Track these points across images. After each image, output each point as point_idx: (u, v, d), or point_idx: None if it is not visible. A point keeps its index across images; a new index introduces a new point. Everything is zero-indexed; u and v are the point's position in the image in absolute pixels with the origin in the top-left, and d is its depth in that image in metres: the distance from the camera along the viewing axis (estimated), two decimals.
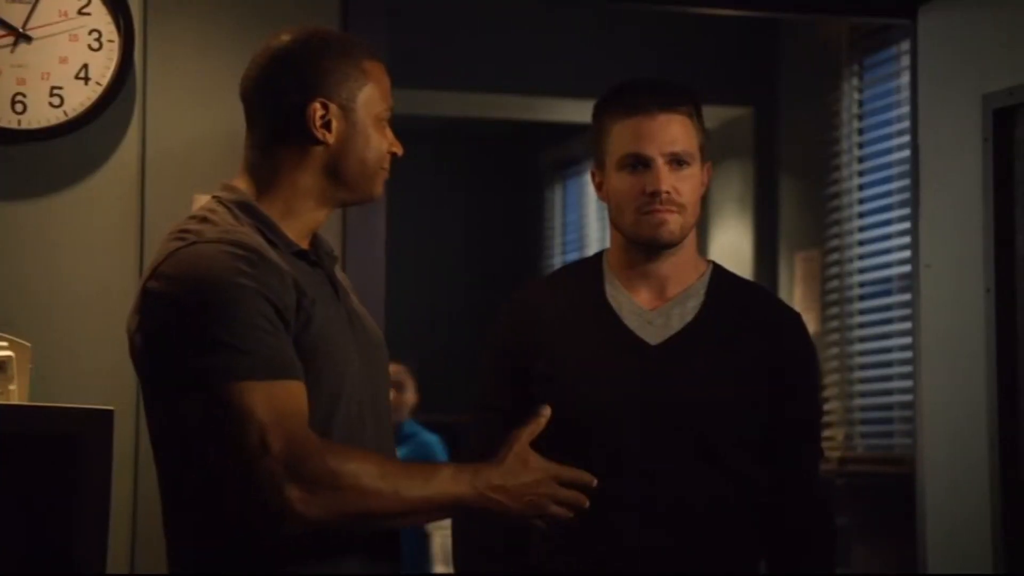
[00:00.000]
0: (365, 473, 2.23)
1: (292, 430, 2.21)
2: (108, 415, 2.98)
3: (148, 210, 3.58)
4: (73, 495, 2.93)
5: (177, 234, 2.36)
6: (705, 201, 7.45)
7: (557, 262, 8.47)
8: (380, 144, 2.42)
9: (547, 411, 2.40)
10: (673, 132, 2.74)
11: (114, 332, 3.31)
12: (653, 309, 2.83)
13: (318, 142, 2.39)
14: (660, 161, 2.74)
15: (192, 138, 3.61)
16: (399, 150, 2.43)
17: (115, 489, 2.99)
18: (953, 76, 3.97)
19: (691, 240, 2.85)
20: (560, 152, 8.31)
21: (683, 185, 2.74)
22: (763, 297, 2.97)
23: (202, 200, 3.24)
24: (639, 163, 2.77)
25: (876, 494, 5.67)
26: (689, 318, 2.82)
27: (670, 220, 2.76)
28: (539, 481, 2.33)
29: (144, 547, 3.51)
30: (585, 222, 8.23)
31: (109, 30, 3.54)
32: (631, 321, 2.82)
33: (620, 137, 2.78)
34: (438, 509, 2.31)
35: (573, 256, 8.28)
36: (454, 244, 8.59)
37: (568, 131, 7.65)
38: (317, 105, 2.39)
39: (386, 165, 2.43)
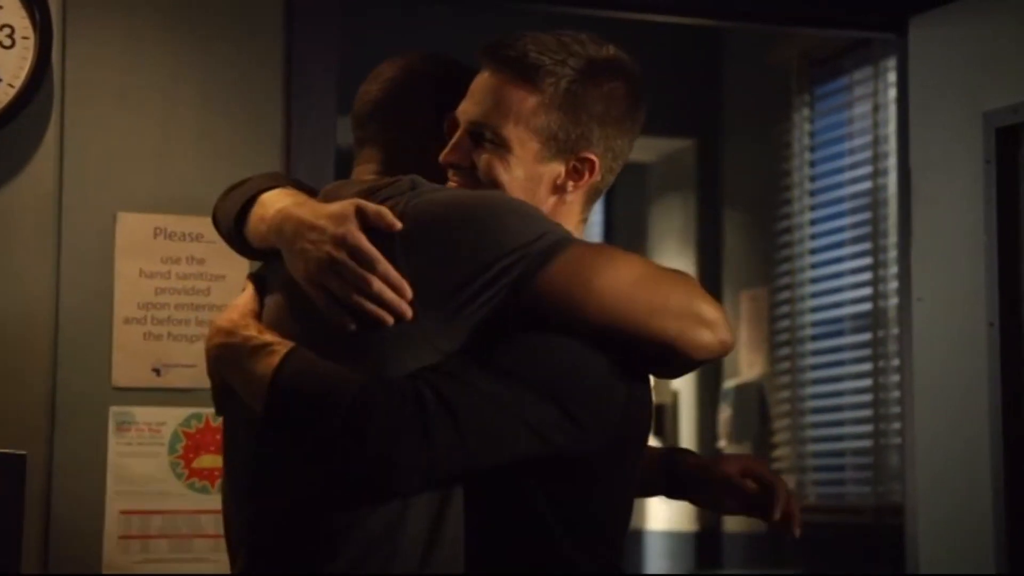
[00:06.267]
0: None
1: None
2: (20, 460, 2.92)
3: (66, 229, 3.35)
4: None
5: None
6: (644, 236, 7.19)
7: None
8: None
9: None
10: (476, 95, 2.19)
11: (26, 363, 3.24)
12: None
13: None
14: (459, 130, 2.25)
15: (117, 149, 3.40)
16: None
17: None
18: (949, 93, 3.83)
19: None
20: None
21: (479, 163, 2.19)
22: None
23: (127, 219, 3.26)
24: None
25: (830, 545, 5.52)
26: None
27: None
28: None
29: None
30: None
31: (23, 25, 3.29)
32: None
33: None
34: None
35: None
36: None
37: None
38: None
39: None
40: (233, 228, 2.20)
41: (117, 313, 3.33)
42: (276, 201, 2.13)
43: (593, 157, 2.18)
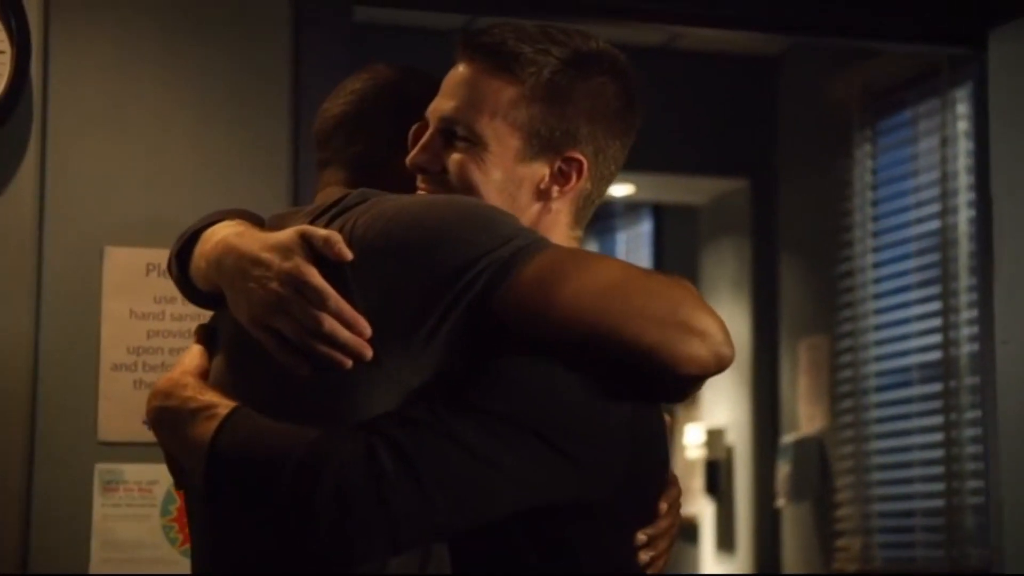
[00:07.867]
0: None
1: None
2: None
3: (47, 265, 3.24)
4: None
5: None
6: (696, 282, 7.14)
7: None
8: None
9: None
10: (448, 89, 2.02)
11: (1, 414, 3.15)
12: None
13: None
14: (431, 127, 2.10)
15: (104, 175, 3.29)
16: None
17: None
18: None
19: None
20: None
21: (450, 164, 2.03)
22: None
23: (116, 253, 3.22)
24: None
25: None
26: None
27: None
28: None
29: None
30: None
31: None
32: None
33: None
34: None
35: None
36: None
37: None
38: None
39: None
40: (177, 270, 2.02)
41: (104, 358, 3.20)
42: (216, 233, 1.94)
43: (581, 157, 2.00)
